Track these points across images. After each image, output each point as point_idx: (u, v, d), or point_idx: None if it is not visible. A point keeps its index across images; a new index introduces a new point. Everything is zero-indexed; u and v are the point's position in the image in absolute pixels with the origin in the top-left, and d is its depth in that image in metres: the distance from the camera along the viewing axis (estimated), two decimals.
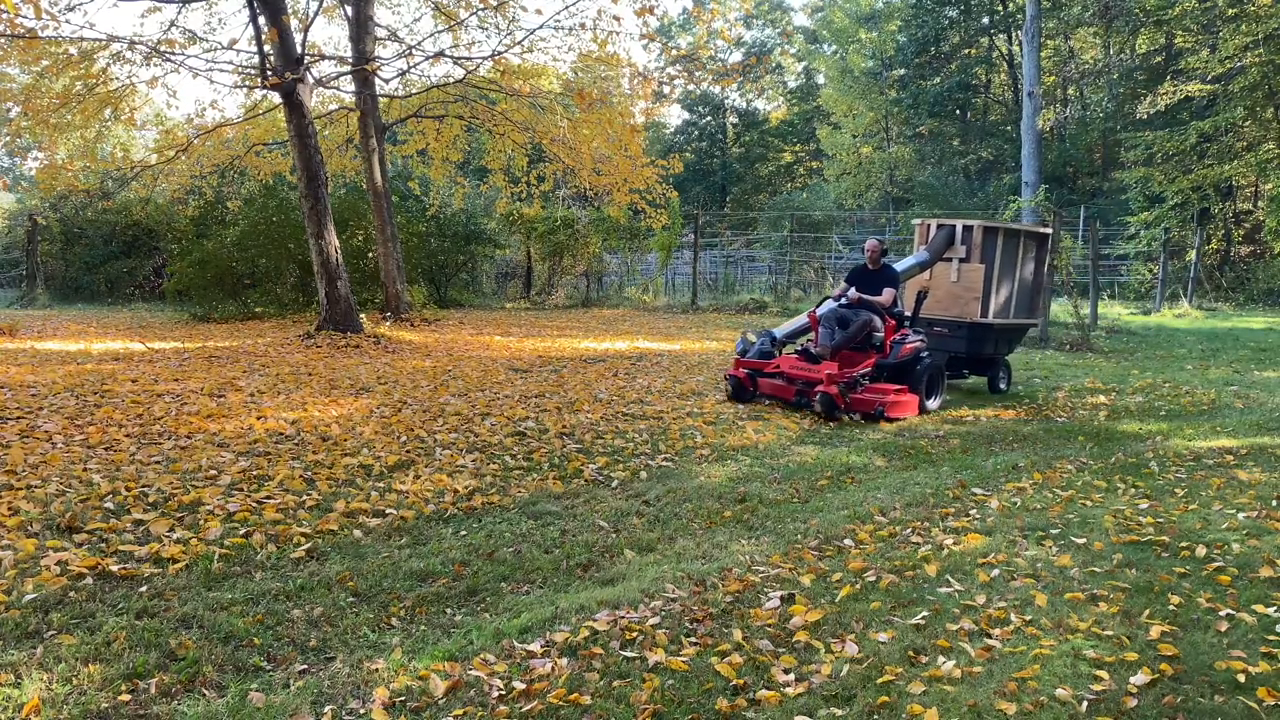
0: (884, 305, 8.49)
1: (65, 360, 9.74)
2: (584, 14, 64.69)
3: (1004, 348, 9.99)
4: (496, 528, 4.71)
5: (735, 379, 8.35)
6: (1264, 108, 21.29)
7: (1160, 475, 6.06)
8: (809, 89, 44.47)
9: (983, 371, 9.95)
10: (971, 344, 9.54)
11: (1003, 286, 9.62)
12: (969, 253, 9.52)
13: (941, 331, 9.53)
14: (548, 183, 17.86)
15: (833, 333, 8.35)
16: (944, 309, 9.66)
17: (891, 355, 8.26)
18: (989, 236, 9.46)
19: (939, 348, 9.46)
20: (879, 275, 8.72)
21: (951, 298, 9.64)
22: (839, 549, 4.58)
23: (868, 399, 7.89)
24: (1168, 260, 20.95)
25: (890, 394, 8.00)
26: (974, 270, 9.46)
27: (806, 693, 3.07)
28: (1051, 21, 28.97)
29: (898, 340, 8.33)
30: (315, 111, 14.28)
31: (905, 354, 8.27)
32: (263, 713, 2.85)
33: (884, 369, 8.25)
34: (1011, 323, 9.87)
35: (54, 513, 4.46)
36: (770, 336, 9.08)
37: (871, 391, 7.99)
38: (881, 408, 7.79)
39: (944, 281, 9.69)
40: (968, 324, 9.46)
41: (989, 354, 9.72)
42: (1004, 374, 9.93)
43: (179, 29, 15.30)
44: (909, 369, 8.30)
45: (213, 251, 15.19)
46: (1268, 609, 3.74)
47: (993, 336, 9.63)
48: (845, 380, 7.88)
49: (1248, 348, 13.44)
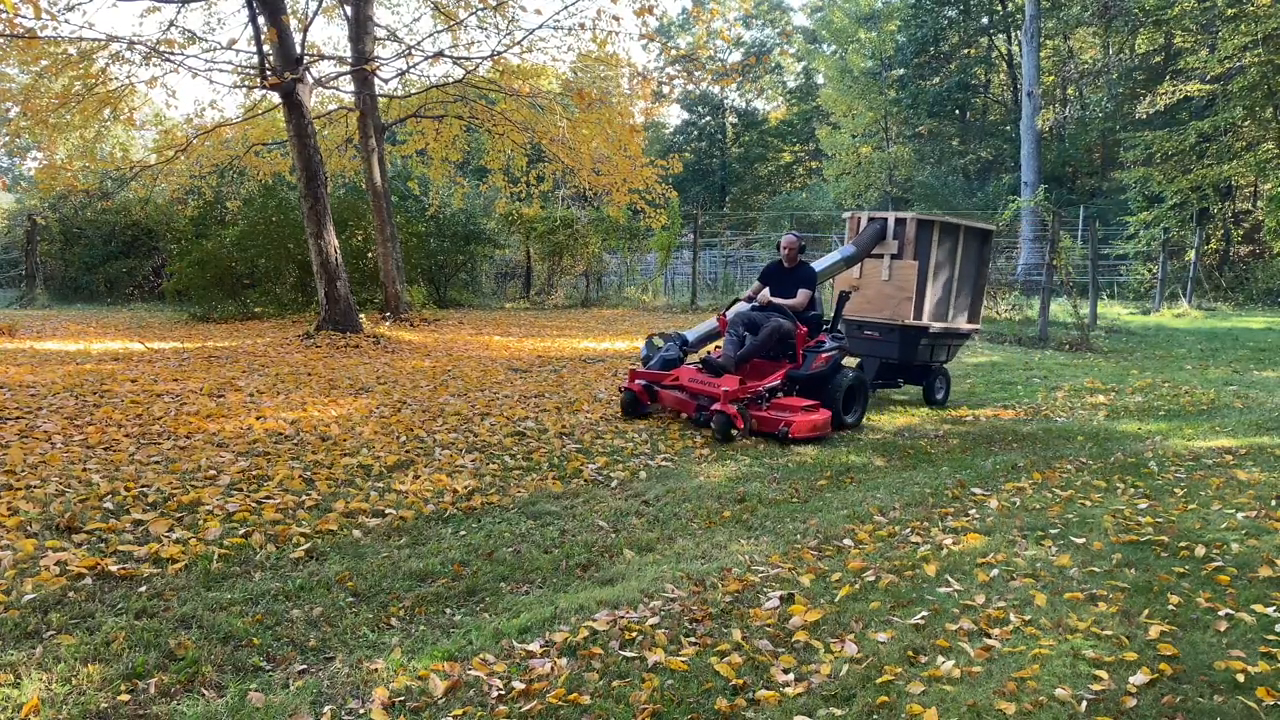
0: (798, 308, 7.63)
1: (64, 360, 9.73)
2: (583, 14, 64.64)
3: (941, 354, 9.14)
4: (496, 528, 4.71)
5: (629, 392, 7.48)
6: (1263, 107, 21.30)
7: (1159, 475, 6.07)
8: (808, 89, 44.48)
9: (918, 380, 9.14)
10: (904, 349, 8.71)
11: (939, 287, 8.76)
12: (901, 249, 8.63)
13: (872, 335, 8.82)
14: (547, 183, 17.86)
15: (739, 340, 7.51)
16: (875, 310, 8.84)
17: (804, 366, 7.40)
18: (923, 231, 8.57)
19: (870, 353, 8.93)
20: (794, 274, 7.84)
21: (883, 298, 8.77)
22: (838, 549, 4.58)
23: (771, 417, 6.94)
24: (1167, 260, 20.96)
25: (797, 411, 7.01)
26: (907, 268, 8.58)
27: (806, 692, 3.07)
28: (1051, 21, 28.99)
29: (812, 348, 7.48)
30: (314, 111, 14.28)
31: (820, 364, 7.38)
32: (262, 713, 2.85)
33: (796, 381, 7.39)
34: (949, 327, 8.96)
35: (53, 513, 4.46)
36: (680, 340, 8.27)
37: (778, 408, 7.08)
38: (786, 428, 6.80)
39: (875, 280, 8.84)
40: (899, 327, 8.62)
41: (924, 361, 8.91)
42: (941, 384, 9.14)
43: (178, 29, 15.32)
44: (824, 381, 7.40)
45: (212, 251, 15.19)
46: (1267, 609, 3.74)
47: (927, 341, 8.79)
48: (746, 397, 7.01)
49: (1247, 347, 13.45)
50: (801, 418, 6.91)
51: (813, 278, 7.81)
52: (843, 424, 7.46)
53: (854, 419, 7.64)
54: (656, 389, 7.54)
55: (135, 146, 25.13)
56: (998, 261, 20.48)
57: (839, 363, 7.54)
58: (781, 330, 7.44)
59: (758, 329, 7.48)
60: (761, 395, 7.14)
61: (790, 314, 7.54)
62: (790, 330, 7.46)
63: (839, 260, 8.76)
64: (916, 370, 9.02)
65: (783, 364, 7.46)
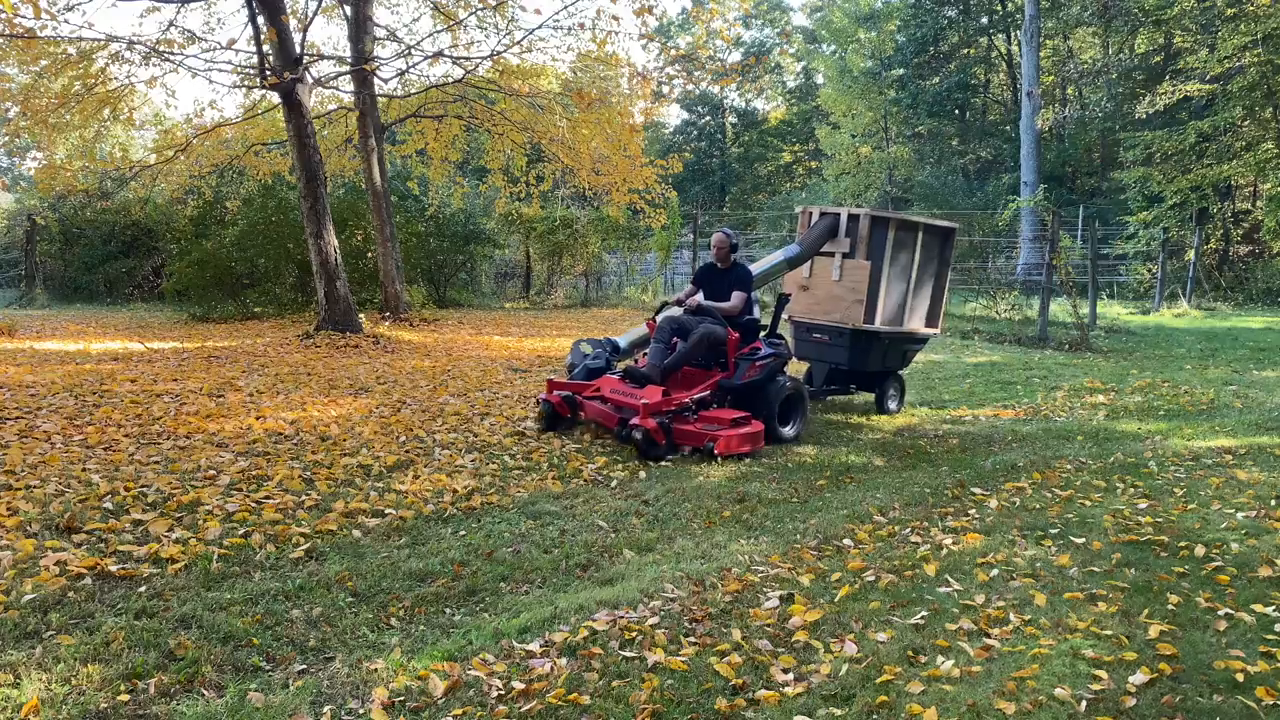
0: (731, 312, 7.07)
1: (64, 360, 9.73)
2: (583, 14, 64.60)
3: (895, 361, 8.53)
4: (495, 528, 4.71)
5: (547, 404, 6.90)
6: (1262, 107, 21.30)
7: (1159, 475, 6.07)
8: (808, 89, 44.47)
9: (870, 386, 8.61)
10: (854, 355, 8.14)
11: (894, 288, 8.13)
12: (853, 247, 8.01)
13: (821, 338, 8.28)
14: (547, 182, 17.86)
15: (666, 347, 6.96)
16: (824, 312, 8.26)
17: (737, 375, 6.86)
18: (878, 229, 7.97)
19: (819, 357, 8.43)
20: (729, 275, 7.28)
21: (833, 299, 8.17)
22: (838, 549, 4.58)
23: (698, 431, 6.39)
24: (1166, 260, 20.96)
25: (726, 424, 6.46)
26: (859, 268, 7.96)
27: (805, 692, 3.07)
28: (1050, 21, 28.97)
29: (746, 356, 6.93)
30: (314, 111, 14.28)
31: (754, 373, 6.82)
32: (262, 713, 2.85)
33: (728, 391, 6.85)
34: (904, 331, 8.32)
35: (53, 513, 4.46)
36: (610, 346, 7.75)
37: (706, 421, 6.54)
38: (711, 444, 6.26)
39: (825, 280, 8.25)
40: (849, 331, 8.04)
41: (877, 367, 8.37)
42: (895, 391, 8.60)
43: (178, 29, 15.35)
44: (758, 391, 6.84)
45: (212, 251, 15.19)
46: (1266, 608, 3.75)
47: (880, 347, 8.22)
48: (670, 410, 6.43)
49: (1246, 347, 13.45)
50: (730, 432, 6.36)
51: (748, 279, 7.26)
52: (779, 437, 6.88)
53: (792, 431, 7.06)
54: (579, 400, 6.98)
55: (135, 146, 25.13)
56: (998, 261, 20.49)
57: (775, 371, 6.92)
58: (712, 336, 6.88)
59: (688, 335, 6.95)
60: (688, 407, 6.55)
61: (722, 318, 6.98)
62: (722, 336, 6.90)
63: (781, 261, 8.24)
64: (869, 376, 8.50)
65: (714, 373, 6.95)
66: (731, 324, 7.01)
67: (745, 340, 7.07)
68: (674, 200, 18.80)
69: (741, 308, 7.10)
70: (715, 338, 6.89)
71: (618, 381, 6.91)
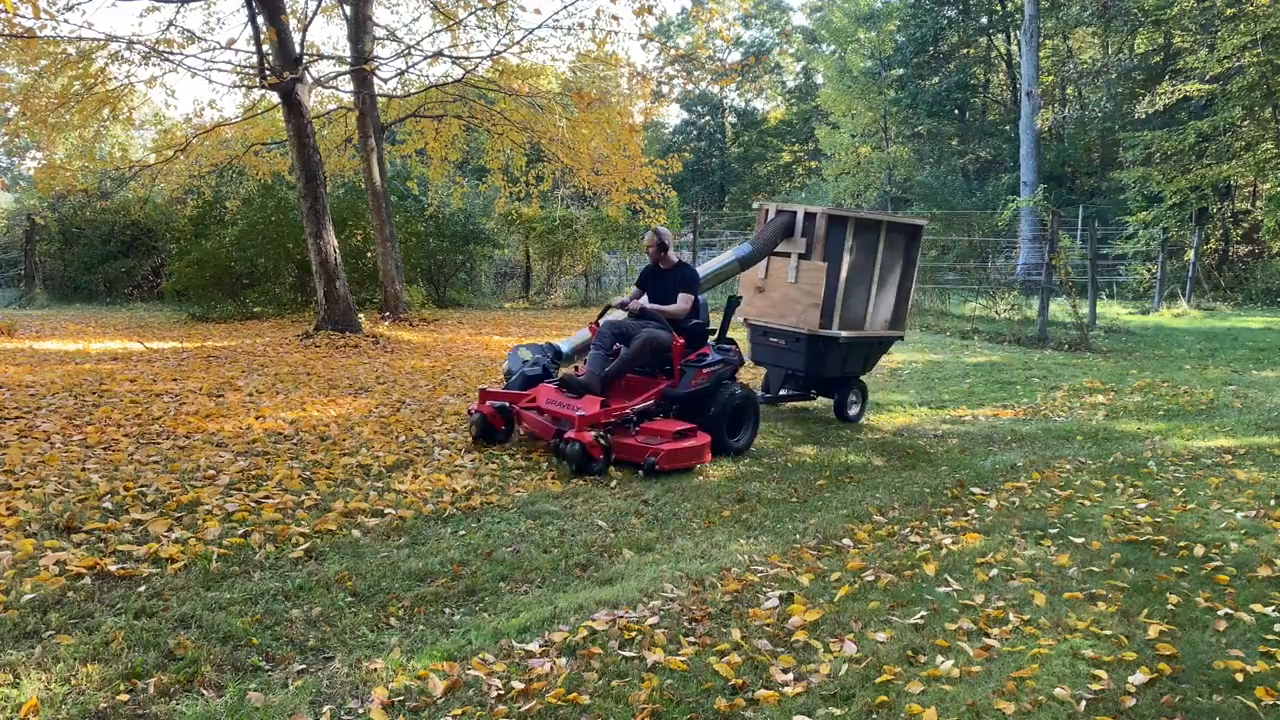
0: (677, 316, 6.62)
1: (63, 360, 9.73)
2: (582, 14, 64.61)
3: (856, 366, 8.08)
4: (495, 527, 4.71)
5: (479, 415, 6.41)
6: (1262, 107, 21.30)
7: (1158, 475, 6.07)
8: (807, 89, 44.47)
9: (829, 392, 8.17)
10: (812, 361, 7.72)
11: (854, 291, 7.71)
12: (810, 247, 7.58)
13: (777, 343, 7.88)
14: (546, 182, 17.86)
15: (606, 354, 6.52)
16: (780, 316, 7.85)
17: (682, 383, 6.41)
18: (835, 227, 7.54)
19: (775, 363, 8.02)
20: (673, 277, 6.82)
21: (788, 302, 7.77)
22: (837, 548, 4.59)
23: (638, 445, 5.96)
24: (1166, 260, 20.95)
25: (668, 437, 6.02)
26: (815, 270, 7.53)
27: (805, 692, 3.07)
28: (1050, 21, 28.97)
29: (692, 363, 6.49)
30: (314, 111, 14.27)
31: (700, 381, 6.40)
32: (261, 713, 2.85)
33: (673, 401, 6.41)
34: (865, 336, 7.91)
35: (52, 513, 4.46)
36: (552, 352, 7.29)
37: (648, 433, 6.10)
38: (653, 459, 5.83)
39: (781, 282, 7.83)
40: (805, 336, 7.64)
41: (836, 374, 7.94)
42: (856, 398, 8.15)
43: (177, 29, 15.32)
44: (705, 400, 6.41)
45: (211, 251, 15.18)
46: (1266, 608, 3.75)
47: (839, 353, 7.78)
48: (609, 422, 6.01)
49: (1246, 347, 13.46)
50: (672, 445, 5.94)
51: (694, 280, 6.81)
52: (728, 448, 6.49)
53: (742, 442, 6.65)
54: (516, 410, 6.52)
55: (134, 146, 25.12)
56: (998, 261, 20.49)
57: (724, 378, 6.55)
58: (655, 342, 6.42)
59: (630, 340, 6.50)
60: (629, 419, 6.12)
61: (666, 322, 6.55)
62: (666, 342, 6.44)
63: (733, 261, 7.78)
64: (829, 382, 8.07)
65: (659, 381, 6.51)
66: (677, 329, 6.59)
67: (692, 346, 6.65)
68: (674, 200, 18.80)
69: (688, 311, 6.67)
70: (659, 344, 6.44)
71: (555, 391, 6.39)
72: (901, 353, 12.56)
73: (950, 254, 19.13)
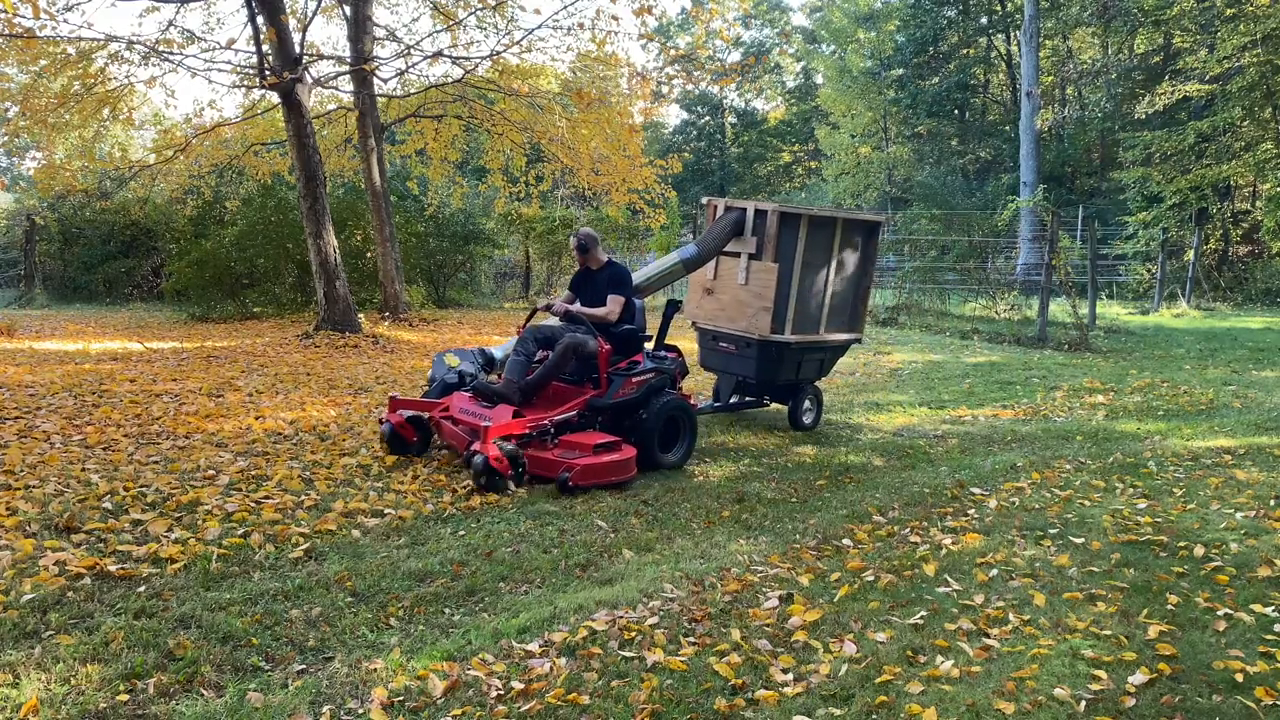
0: (606, 320, 6.21)
1: (63, 360, 9.73)
2: (582, 14, 64.68)
3: (811, 371, 7.66)
4: (495, 527, 4.71)
5: (388, 425, 5.98)
6: (1262, 108, 21.30)
7: (1158, 475, 6.07)
8: (807, 89, 44.48)
9: (783, 399, 7.77)
10: (762, 367, 7.26)
11: (807, 293, 7.24)
12: (760, 247, 7.09)
13: (727, 348, 7.44)
14: (546, 182, 17.86)
15: (527, 361, 6.12)
16: (730, 319, 7.37)
17: (609, 392, 5.93)
18: (787, 226, 7.02)
19: (725, 369, 7.58)
20: (603, 278, 6.42)
21: (738, 305, 7.27)
22: (837, 549, 4.59)
23: (553, 459, 5.48)
24: (1166, 260, 20.96)
25: (586, 451, 5.54)
26: (766, 271, 7.05)
27: (805, 692, 3.07)
28: (1050, 21, 28.97)
29: (621, 371, 6.05)
30: (314, 111, 14.28)
31: (629, 390, 5.95)
32: (261, 713, 2.85)
33: (598, 411, 5.94)
34: (819, 340, 7.47)
35: (52, 513, 4.46)
36: (483, 357, 6.82)
37: (568, 446, 5.62)
38: (566, 474, 5.32)
39: (731, 284, 7.34)
40: (756, 342, 7.19)
41: (789, 379, 7.51)
42: (812, 404, 7.74)
43: (177, 29, 15.33)
44: (634, 411, 5.96)
45: (211, 251, 15.18)
46: (1265, 608, 3.75)
47: (792, 359, 7.34)
48: (523, 434, 5.54)
49: (1246, 347, 13.46)
50: (590, 459, 5.46)
51: (624, 280, 6.40)
52: (659, 463, 6.00)
53: (677, 457, 6.14)
54: (435, 421, 6.07)
55: (134, 146, 25.13)
56: (997, 261, 20.49)
57: (656, 389, 6.10)
58: (580, 348, 5.99)
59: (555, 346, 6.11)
60: (546, 430, 5.64)
61: (592, 326, 6.12)
62: (592, 347, 6.01)
63: (676, 263, 7.25)
64: (782, 389, 7.69)
65: (586, 390, 6.05)
66: (607, 334, 6.17)
67: (624, 352, 6.23)
68: (673, 200, 18.79)
69: (619, 314, 6.26)
70: (584, 349, 6.01)
71: (469, 399, 5.92)
72: (901, 353, 12.56)
73: (950, 254, 19.12)
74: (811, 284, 7.28)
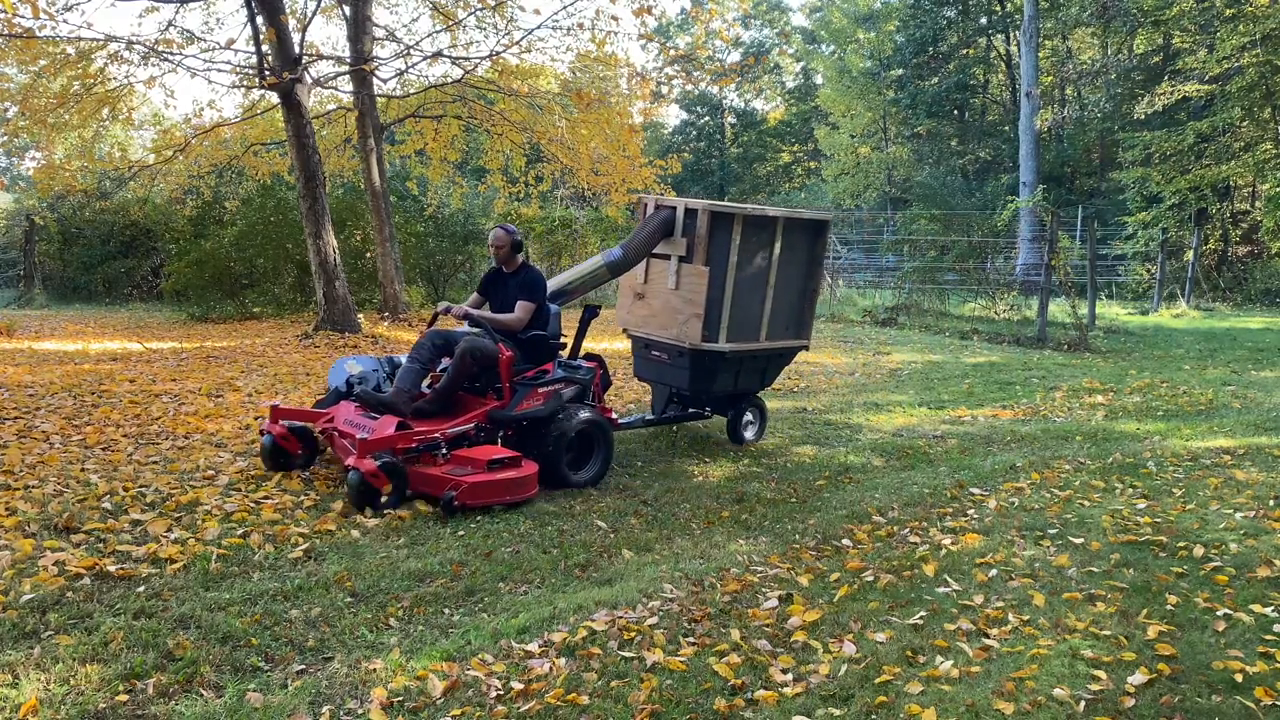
0: (511, 326, 5.76)
1: (63, 360, 9.73)
2: (582, 14, 64.72)
3: (751, 382, 7.05)
4: (494, 528, 4.71)
5: (268, 438, 5.45)
6: (1261, 108, 21.31)
7: (1158, 475, 6.07)
8: (807, 89, 44.48)
9: (723, 410, 7.14)
10: (696, 377, 6.65)
11: (744, 298, 6.62)
12: (691, 249, 6.47)
13: (660, 357, 6.87)
14: (546, 183, 17.86)
15: (423, 369, 5.68)
16: (661, 327, 6.77)
17: (511, 404, 5.48)
18: (720, 226, 6.39)
19: (658, 379, 7.01)
20: (514, 282, 5.96)
21: (670, 312, 6.67)
22: (837, 549, 4.59)
23: (440, 476, 5.01)
24: (1165, 260, 20.96)
25: (478, 468, 5.07)
26: (697, 275, 6.42)
27: (804, 692, 3.07)
28: (1049, 22, 28.98)
29: (528, 381, 5.60)
30: (313, 111, 14.27)
31: (535, 402, 5.54)
32: (260, 713, 2.85)
33: (500, 424, 5.49)
34: (759, 348, 6.82)
35: (51, 513, 4.46)
36: (390, 366, 6.25)
37: (459, 461, 5.16)
38: (452, 493, 4.86)
39: (662, 288, 6.74)
40: (689, 351, 6.56)
41: (727, 390, 6.92)
42: (754, 417, 7.16)
43: (176, 29, 15.32)
44: (540, 426, 5.53)
45: (210, 251, 15.17)
46: (1265, 608, 3.75)
47: (728, 369, 6.73)
48: (411, 447, 5.09)
49: (1245, 348, 13.46)
50: (480, 477, 4.99)
51: (536, 286, 5.91)
52: (568, 481, 5.51)
53: (588, 475, 5.64)
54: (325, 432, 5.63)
55: (134, 146, 25.12)
56: (997, 261, 20.48)
57: (568, 400, 5.72)
58: (477, 353, 5.50)
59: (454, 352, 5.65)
60: (435, 444, 5.17)
61: (491, 331, 5.63)
62: (491, 353, 5.53)
63: (600, 266, 6.62)
64: (720, 401, 7.09)
65: (490, 400, 5.60)
66: (513, 340, 5.75)
67: (533, 360, 5.80)
68: None
69: (526, 320, 5.83)
70: (484, 355, 5.53)
71: (356, 410, 5.46)
72: (901, 353, 12.56)
73: (950, 254, 19.13)
74: (749, 288, 6.64)
